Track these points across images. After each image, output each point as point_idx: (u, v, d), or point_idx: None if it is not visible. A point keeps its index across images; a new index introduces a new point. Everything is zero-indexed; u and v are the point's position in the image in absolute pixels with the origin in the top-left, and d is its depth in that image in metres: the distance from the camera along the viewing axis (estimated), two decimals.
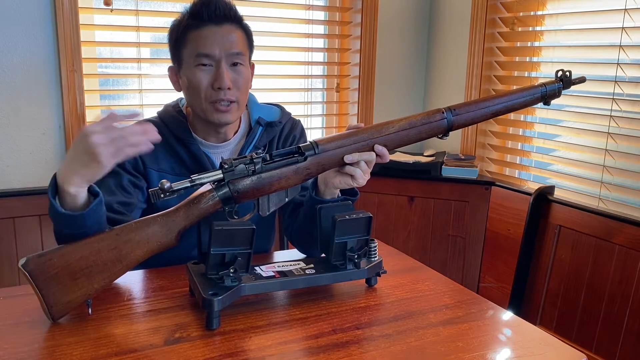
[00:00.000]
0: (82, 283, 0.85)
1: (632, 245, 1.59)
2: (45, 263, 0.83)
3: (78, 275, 0.85)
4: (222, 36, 1.14)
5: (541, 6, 1.99)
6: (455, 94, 2.32)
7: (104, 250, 0.87)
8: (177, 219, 0.91)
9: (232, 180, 0.92)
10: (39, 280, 0.83)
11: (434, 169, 2.14)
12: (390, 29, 2.37)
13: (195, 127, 1.23)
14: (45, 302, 0.84)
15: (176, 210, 0.92)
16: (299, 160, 0.96)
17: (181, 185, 0.89)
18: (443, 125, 1.05)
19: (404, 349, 0.82)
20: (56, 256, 0.84)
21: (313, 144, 0.98)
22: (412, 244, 2.20)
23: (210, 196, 0.92)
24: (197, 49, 1.13)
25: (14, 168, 1.79)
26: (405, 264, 1.18)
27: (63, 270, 0.84)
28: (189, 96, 1.19)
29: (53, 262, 0.84)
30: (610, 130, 1.76)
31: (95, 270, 0.86)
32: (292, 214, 1.23)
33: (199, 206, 0.92)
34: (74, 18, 1.77)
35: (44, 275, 0.83)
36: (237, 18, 1.17)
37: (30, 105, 1.78)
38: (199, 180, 0.90)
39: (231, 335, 0.85)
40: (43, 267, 0.83)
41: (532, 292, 1.89)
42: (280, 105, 1.35)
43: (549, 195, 1.87)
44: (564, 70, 1.09)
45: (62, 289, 0.84)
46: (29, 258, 0.83)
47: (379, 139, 1.01)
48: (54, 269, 0.84)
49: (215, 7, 1.13)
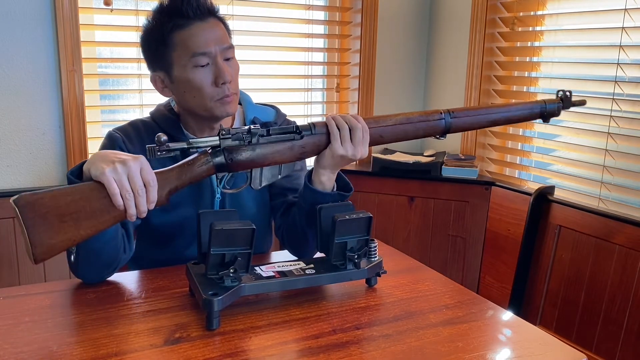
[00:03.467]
0: (69, 227, 0.85)
1: (632, 245, 1.59)
2: (36, 201, 0.83)
3: (66, 219, 0.85)
4: (212, 31, 1.12)
5: (541, 6, 1.99)
6: (456, 94, 2.32)
7: (94, 198, 0.87)
8: (170, 178, 0.92)
9: (228, 148, 0.95)
10: (27, 218, 0.83)
11: (434, 169, 2.14)
12: (390, 29, 2.37)
13: (187, 125, 1.22)
14: (30, 241, 0.83)
15: (170, 169, 0.93)
16: (295, 137, 0.99)
17: (178, 145, 0.91)
18: (440, 125, 1.07)
19: (404, 349, 0.82)
20: (47, 196, 0.84)
21: (311, 125, 1.02)
22: (412, 244, 2.20)
23: (205, 160, 0.94)
24: (190, 49, 1.10)
25: (14, 168, 1.79)
26: (405, 264, 1.18)
27: (52, 211, 0.84)
28: (188, 98, 1.15)
29: (44, 202, 0.84)
30: (610, 130, 1.76)
31: (82, 217, 0.86)
32: (284, 214, 1.23)
33: (193, 168, 0.94)
34: (74, 18, 1.77)
35: (33, 213, 0.83)
36: (216, 10, 1.16)
37: (30, 105, 1.78)
38: (195, 144, 0.92)
39: (231, 335, 0.85)
40: (34, 205, 0.83)
41: (532, 292, 1.89)
42: (275, 107, 1.34)
43: (549, 195, 1.87)
44: (565, 90, 1.11)
45: (48, 230, 0.84)
46: (22, 195, 0.83)
47: (375, 128, 1.04)
48: (44, 208, 0.83)
49: (198, 4, 1.11)
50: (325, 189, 1.07)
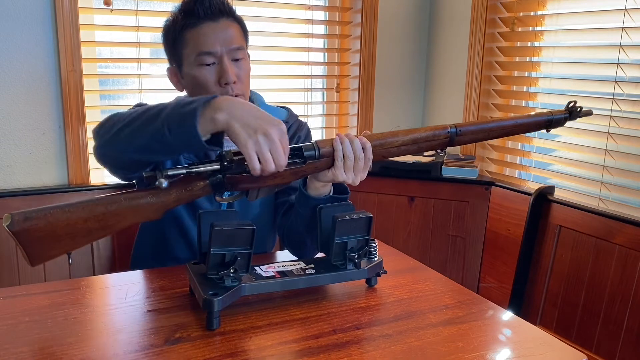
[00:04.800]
0: (65, 242, 0.86)
1: (632, 245, 1.59)
2: (31, 227, 0.83)
3: (62, 238, 0.86)
4: (221, 32, 1.13)
5: (541, 6, 1.99)
6: (455, 94, 2.32)
7: (91, 219, 0.87)
8: (168, 200, 0.91)
9: (230, 173, 0.93)
10: (23, 242, 0.84)
11: (434, 169, 2.14)
12: (390, 28, 2.37)
13: None
14: (28, 256, 0.85)
15: (168, 193, 0.92)
16: (298, 162, 0.96)
17: (177, 171, 0.89)
18: (445, 142, 1.05)
19: (404, 349, 0.82)
20: (42, 221, 0.84)
21: (315, 146, 0.97)
22: (412, 244, 2.20)
23: (204, 185, 0.93)
24: (197, 47, 1.13)
25: (14, 168, 1.79)
26: (405, 264, 1.18)
27: (48, 234, 0.85)
28: (195, 95, 1.18)
29: (39, 227, 0.84)
30: (610, 131, 1.76)
31: (79, 235, 0.87)
32: (286, 214, 1.23)
33: (191, 192, 0.93)
34: (74, 18, 1.77)
35: (29, 237, 0.84)
36: (231, 11, 1.17)
37: (30, 105, 1.78)
38: (195, 169, 0.90)
39: (231, 335, 0.85)
40: (28, 231, 0.83)
41: (532, 292, 1.89)
42: (287, 108, 1.35)
43: (549, 195, 1.87)
44: (575, 102, 1.11)
45: (44, 247, 0.85)
46: (14, 219, 0.83)
47: (379, 150, 1.01)
48: (39, 232, 0.84)
49: (210, 3, 1.12)
50: (320, 194, 1.06)
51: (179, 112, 0.88)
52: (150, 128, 0.90)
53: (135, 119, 0.93)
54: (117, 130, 0.95)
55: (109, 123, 0.98)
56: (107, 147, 0.99)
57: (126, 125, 0.94)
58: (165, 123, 0.89)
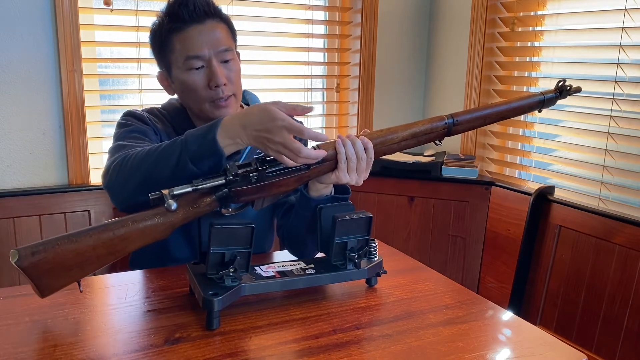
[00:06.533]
0: (75, 272, 0.86)
1: (632, 245, 1.59)
2: (39, 262, 0.83)
3: (71, 268, 0.86)
4: (207, 34, 1.12)
5: (541, 6, 1.99)
6: (456, 94, 2.32)
7: (100, 246, 0.87)
8: (176, 220, 0.91)
9: (234, 186, 0.92)
10: (33, 276, 0.84)
11: (434, 169, 2.14)
12: (390, 29, 2.37)
13: (195, 122, 1.23)
14: (38, 289, 0.85)
15: (175, 212, 0.91)
16: (302, 168, 0.95)
17: (182, 190, 0.88)
18: (443, 132, 1.06)
19: (404, 349, 0.82)
20: (50, 253, 0.84)
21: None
22: (412, 244, 2.20)
23: (210, 201, 0.92)
24: (185, 52, 1.12)
25: (14, 168, 1.79)
26: (405, 264, 1.18)
27: (57, 266, 0.85)
28: (186, 99, 1.18)
29: (47, 259, 0.84)
30: (610, 131, 1.76)
31: (88, 262, 0.87)
32: (285, 215, 1.23)
33: (198, 209, 0.92)
34: (74, 18, 1.77)
35: (37, 271, 0.84)
36: (216, 12, 1.15)
37: (30, 105, 1.78)
38: (200, 186, 0.89)
39: (231, 335, 0.85)
40: (37, 265, 0.83)
41: (532, 292, 1.89)
42: None
43: (549, 195, 1.87)
44: (564, 81, 1.11)
45: (54, 278, 0.85)
46: (21, 255, 0.82)
47: (380, 148, 1.01)
48: (48, 265, 0.84)
49: (194, 6, 1.11)
50: (322, 195, 1.06)
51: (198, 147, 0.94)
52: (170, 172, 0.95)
53: (150, 169, 0.97)
54: (137, 184, 0.98)
55: (120, 177, 1.00)
56: (126, 193, 1.01)
57: (146, 177, 0.97)
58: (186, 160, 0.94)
